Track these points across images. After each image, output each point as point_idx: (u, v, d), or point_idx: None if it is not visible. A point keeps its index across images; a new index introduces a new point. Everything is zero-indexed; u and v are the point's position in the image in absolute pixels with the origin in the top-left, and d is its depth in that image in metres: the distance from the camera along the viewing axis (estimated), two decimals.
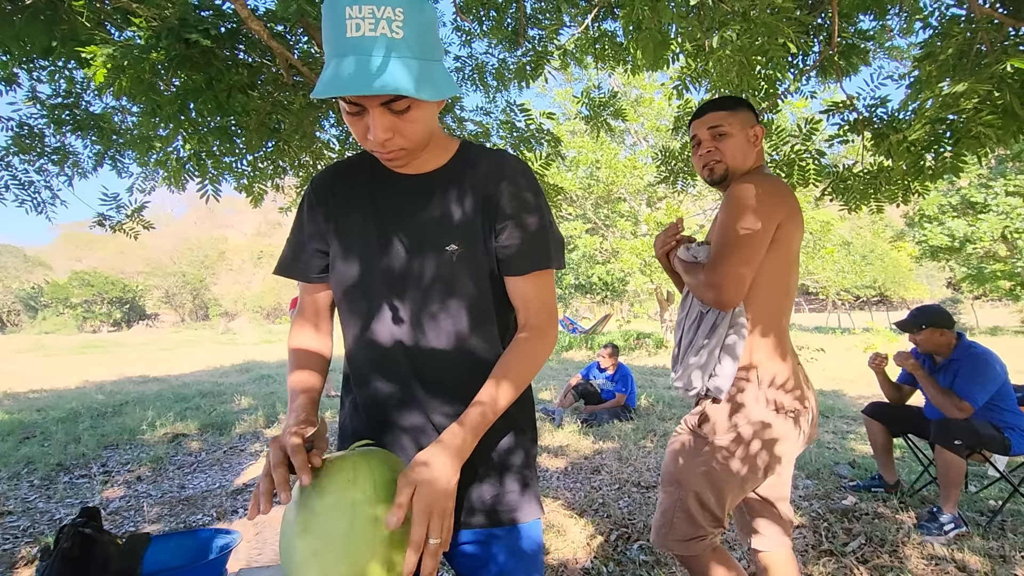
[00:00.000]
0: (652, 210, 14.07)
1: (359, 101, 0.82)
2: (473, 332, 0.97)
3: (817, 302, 36.60)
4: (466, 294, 0.97)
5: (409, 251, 0.97)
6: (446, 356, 0.97)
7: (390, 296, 0.98)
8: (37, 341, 25.69)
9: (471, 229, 0.97)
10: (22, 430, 5.48)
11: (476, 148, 1.03)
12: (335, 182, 1.04)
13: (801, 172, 3.54)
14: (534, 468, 1.05)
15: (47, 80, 4.45)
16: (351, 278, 1.00)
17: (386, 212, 0.99)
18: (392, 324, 0.98)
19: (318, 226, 1.04)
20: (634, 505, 3.29)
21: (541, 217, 0.99)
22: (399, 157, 0.91)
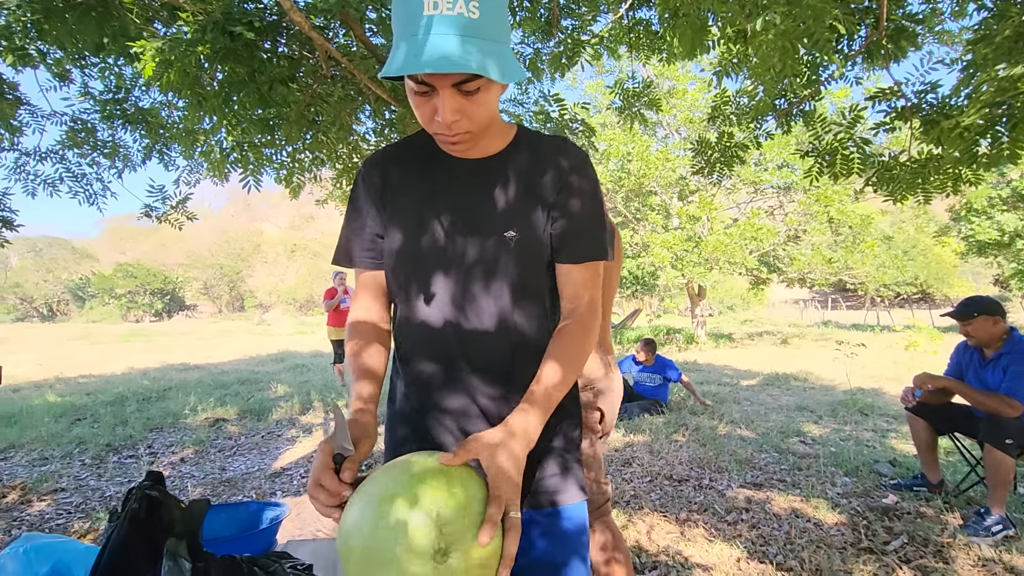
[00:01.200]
0: (684, 203, 13.84)
1: (430, 81, 0.81)
2: (525, 319, 0.97)
3: (855, 299, 35.47)
4: (521, 280, 0.96)
5: (467, 236, 0.96)
6: (495, 341, 0.97)
7: (444, 280, 0.97)
8: (85, 329, 26.86)
9: (529, 216, 0.96)
10: (74, 412, 5.75)
11: (534, 134, 1.02)
12: (389, 165, 1.04)
13: (844, 161, 3.44)
14: (576, 452, 1.04)
15: (98, 76, 4.63)
16: (405, 260, 1.00)
17: (443, 196, 0.98)
18: (443, 308, 0.97)
19: (373, 211, 1.03)
20: (666, 498, 3.26)
21: (596, 207, 0.99)
22: (464, 140, 0.90)
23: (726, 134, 4.18)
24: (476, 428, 0.99)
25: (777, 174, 12.88)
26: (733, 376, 8.48)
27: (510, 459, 0.77)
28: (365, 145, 4.53)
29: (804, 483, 3.48)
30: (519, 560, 1.01)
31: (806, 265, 13.47)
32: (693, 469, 3.79)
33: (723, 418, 5.28)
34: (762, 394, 6.85)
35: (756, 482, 3.53)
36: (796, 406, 6.03)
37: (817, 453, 4.11)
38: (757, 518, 2.95)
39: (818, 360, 10.08)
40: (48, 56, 4.04)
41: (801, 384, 7.67)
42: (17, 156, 4.54)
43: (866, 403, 5.93)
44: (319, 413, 5.77)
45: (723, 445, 4.29)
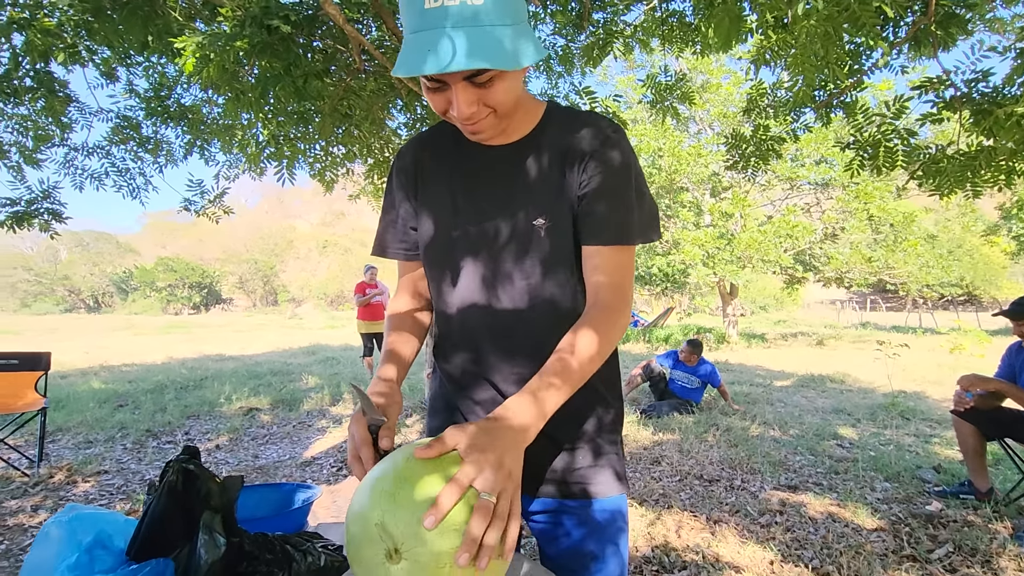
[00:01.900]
0: (717, 200, 13.56)
1: (440, 77, 0.77)
2: (557, 308, 0.94)
3: (895, 300, 34.23)
4: (553, 269, 0.93)
5: (496, 224, 0.94)
6: (525, 330, 0.95)
7: (475, 270, 0.95)
8: (127, 321, 27.92)
9: (559, 201, 0.92)
10: (116, 399, 5.97)
11: (563, 111, 0.97)
12: (420, 154, 1.02)
13: (888, 154, 3.31)
14: (617, 442, 1.00)
15: (143, 75, 4.79)
16: (437, 252, 0.99)
17: (472, 185, 0.96)
18: (475, 298, 0.96)
19: (407, 202, 1.02)
20: (696, 497, 3.20)
21: (629, 185, 0.92)
22: (485, 130, 0.86)
23: (761, 127, 4.07)
24: None
25: (815, 170, 12.50)
26: (766, 377, 8.28)
27: (490, 441, 0.67)
28: (397, 139, 4.57)
29: (841, 487, 3.37)
30: (551, 549, 0.99)
31: (844, 264, 13.04)
32: (724, 470, 3.71)
33: (755, 419, 5.16)
34: (796, 396, 6.67)
35: (790, 484, 3.44)
36: (832, 408, 5.85)
37: (855, 457, 3.97)
38: (792, 521, 2.87)
39: (856, 362, 9.77)
40: (96, 55, 4.19)
41: (837, 386, 7.44)
42: (66, 151, 4.73)
43: (907, 407, 5.71)
44: (349, 405, 5.86)
45: (755, 446, 4.19)
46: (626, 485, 1.00)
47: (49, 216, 4.42)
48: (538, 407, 0.77)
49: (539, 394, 0.78)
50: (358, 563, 0.63)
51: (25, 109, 4.66)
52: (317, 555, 0.82)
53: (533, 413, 0.75)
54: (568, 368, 0.82)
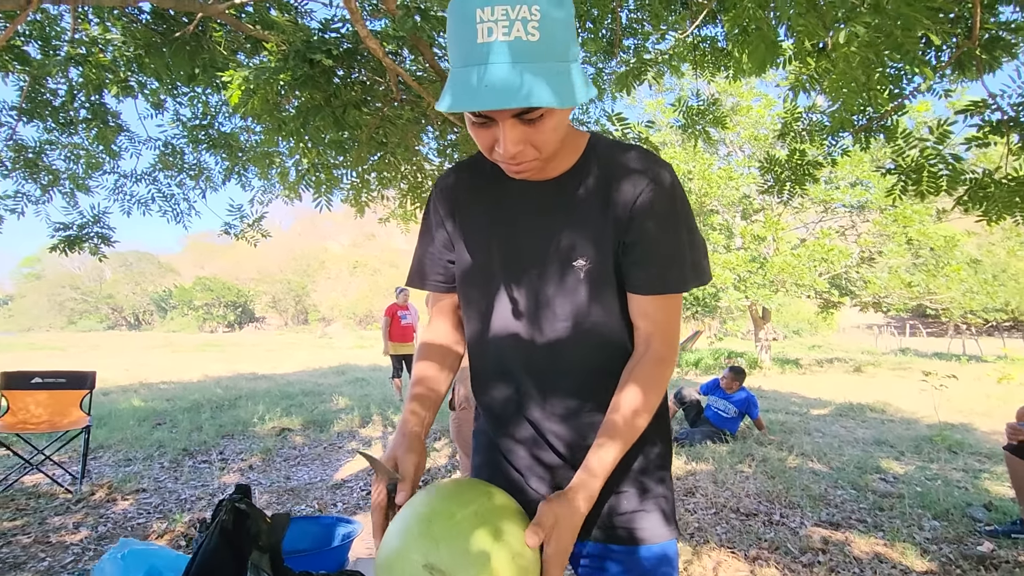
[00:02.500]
0: (748, 223, 13.36)
1: (488, 113, 0.75)
2: (595, 349, 0.92)
3: (936, 325, 32.91)
4: (592, 312, 0.91)
5: (534, 264, 0.92)
6: (564, 370, 0.93)
7: (512, 307, 0.94)
8: (166, 339, 28.77)
9: (601, 242, 0.89)
10: (155, 417, 6.13)
11: (608, 145, 0.93)
12: (459, 185, 1.01)
13: (932, 179, 3.21)
14: (665, 481, 0.98)
15: (187, 104, 5.02)
16: (473, 288, 0.98)
17: (511, 220, 0.94)
18: (512, 335, 0.95)
19: (444, 234, 1.01)
20: (733, 532, 3.09)
21: (679, 231, 0.89)
22: (529, 169, 0.84)
23: (797, 151, 4.01)
24: (546, 456, 0.97)
25: (850, 192, 12.23)
26: (801, 405, 8.01)
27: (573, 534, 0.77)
28: (429, 165, 4.66)
29: (887, 525, 3.22)
30: None
31: (882, 289, 12.64)
32: (762, 503, 3.58)
33: (792, 449, 4.98)
34: (835, 425, 6.43)
35: (832, 521, 3.29)
36: (873, 440, 5.61)
37: (901, 492, 3.79)
38: (836, 561, 2.74)
39: (896, 390, 9.39)
40: (145, 87, 4.42)
41: (878, 416, 7.15)
42: (116, 178, 4.96)
43: (955, 440, 5.44)
44: (378, 427, 5.88)
45: (794, 479, 4.04)
46: (675, 529, 0.97)
47: (98, 240, 4.63)
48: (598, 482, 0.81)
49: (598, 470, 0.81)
50: None
51: (78, 138, 4.92)
52: None
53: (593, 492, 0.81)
54: (621, 432, 0.84)
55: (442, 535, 0.63)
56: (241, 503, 0.73)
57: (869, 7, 1.76)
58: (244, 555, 0.74)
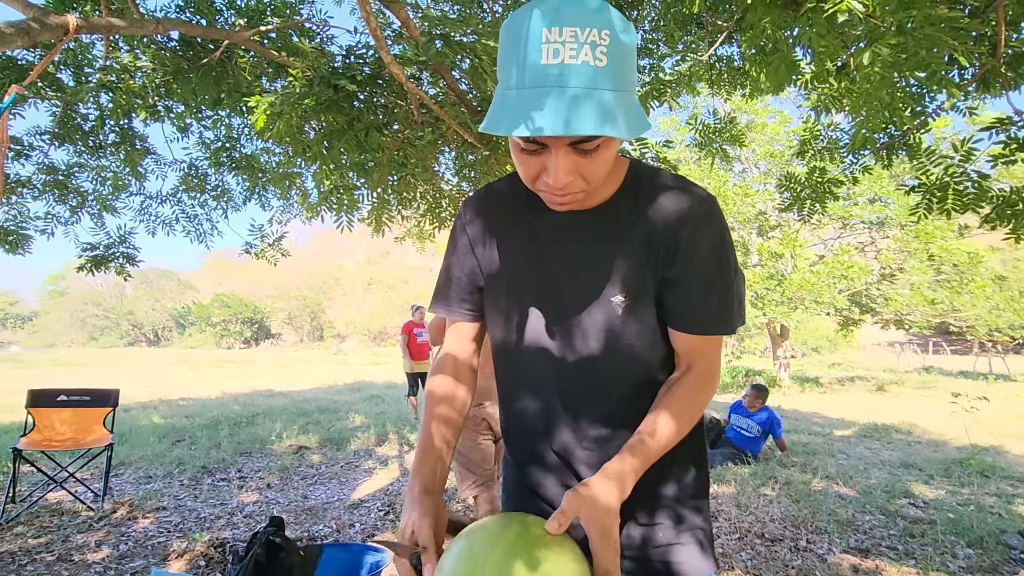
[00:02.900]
0: (764, 239, 13.25)
1: (543, 139, 0.70)
2: (631, 377, 0.89)
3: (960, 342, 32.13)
4: (630, 345, 0.88)
5: (569, 298, 0.88)
6: (600, 400, 0.90)
7: (545, 344, 0.90)
8: (184, 355, 29.12)
9: (640, 278, 0.85)
10: (174, 433, 6.18)
11: (649, 175, 0.88)
12: (490, 211, 0.96)
13: (957, 196, 3.17)
14: (703, 510, 0.95)
15: (211, 128, 5.14)
16: (503, 323, 0.95)
17: (545, 253, 0.89)
18: (545, 375, 0.92)
19: (472, 260, 0.97)
20: (759, 559, 3.01)
21: (725, 271, 0.85)
22: (574, 202, 0.79)
23: (817, 169, 3.98)
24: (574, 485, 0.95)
25: (868, 208, 12.09)
26: (824, 425, 7.84)
27: (609, 515, 0.71)
28: (446, 186, 4.70)
29: (919, 553, 3.11)
30: None
31: (904, 306, 12.40)
32: (787, 528, 3.49)
33: (816, 472, 4.86)
34: (859, 447, 6.27)
35: (862, 547, 3.20)
36: (901, 462, 5.46)
37: (932, 519, 3.67)
38: None
39: (922, 410, 9.16)
40: (172, 111, 4.54)
41: (904, 437, 6.97)
42: (142, 199, 5.08)
43: (986, 463, 5.27)
44: (394, 445, 5.86)
45: (819, 503, 3.93)
46: (714, 561, 0.93)
47: (123, 259, 4.72)
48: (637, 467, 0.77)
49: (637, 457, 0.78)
50: None
51: (105, 160, 5.05)
52: None
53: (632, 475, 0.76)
54: (648, 450, 0.79)
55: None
56: (276, 536, 0.73)
57: (893, 28, 1.75)
58: None
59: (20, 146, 4.56)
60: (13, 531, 3.23)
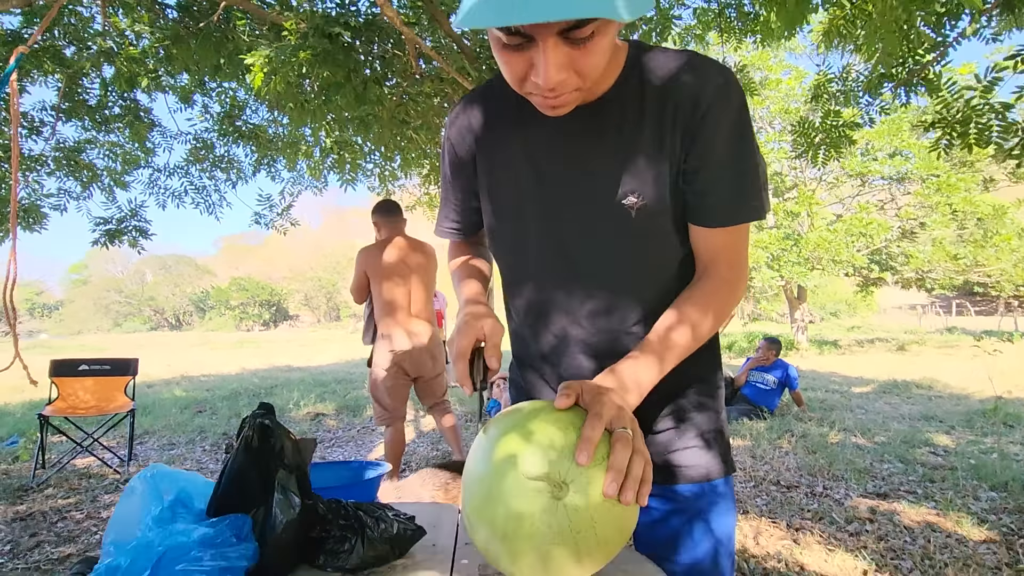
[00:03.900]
0: (781, 200, 12.98)
1: (527, 30, 0.59)
2: (654, 302, 0.81)
3: (985, 302, 31.45)
4: (646, 255, 0.81)
5: (575, 206, 0.80)
6: (613, 326, 0.84)
7: (550, 261, 0.84)
8: (204, 338, 29.69)
9: (654, 173, 0.76)
10: (196, 405, 6.32)
11: (654, 55, 0.76)
12: (475, 119, 0.87)
13: (980, 131, 3.04)
14: (722, 420, 0.91)
15: (216, 100, 5.12)
16: (503, 239, 0.89)
17: (541, 157, 0.81)
18: (553, 293, 0.86)
19: (465, 176, 0.91)
20: (774, 503, 3.00)
21: (748, 152, 0.75)
22: (569, 103, 0.69)
23: (832, 113, 3.85)
24: None
25: (888, 163, 11.74)
26: (842, 383, 7.76)
27: (615, 395, 0.66)
28: None
29: (939, 496, 3.08)
30: (642, 535, 0.92)
31: (926, 263, 12.11)
32: (803, 476, 3.47)
33: (834, 425, 4.82)
34: (878, 402, 6.21)
35: (879, 492, 3.17)
36: (921, 415, 5.39)
37: (953, 465, 3.63)
38: (884, 530, 2.63)
39: (944, 367, 9.02)
40: (175, 80, 4.52)
41: (925, 392, 6.87)
42: (151, 173, 5.10)
43: (1009, 414, 5.18)
44: (409, 411, 5.93)
45: (836, 453, 3.90)
46: (730, 464, 0.89)
47: (136, 233, 4.77)
48: (653, 369, 0.72)
49: (652, 357, 0.73)
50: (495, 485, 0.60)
51: (115, 136, 5.08)
52: (390, 522, 0.80)
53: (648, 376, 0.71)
54: (668, 343, 0.74)
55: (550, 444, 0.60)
56: (265, 419, 0.72)
57: None
58: (271, 474, 0.73)
59: (29, 122, 4.60)
60: (44, 493, 3.34)
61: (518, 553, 0.58)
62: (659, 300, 0.81)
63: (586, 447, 0.58)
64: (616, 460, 0.57)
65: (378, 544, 0.78)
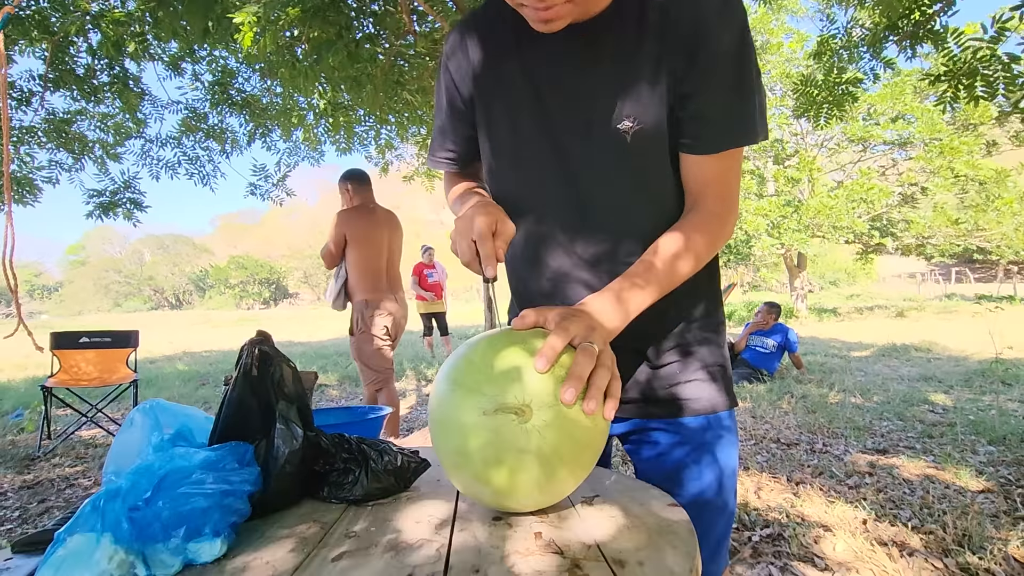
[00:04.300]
0: (782, 166, 12.85)
1: None
2: (651, 230, 0.79)
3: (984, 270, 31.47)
4: (643, 182, 0.78)
5: (569, 132, 0.78)
6: (610, 256, 0.82)
7: (548, 187, 0.82)
8: (205, 316, 29.78)
9: (651, 97, 0.73)
10: (199, 378, 6.36)
11: None
12: (469, 43, 0.84)
13: (986, 83, 2.97)
14: (723, 353, 0.90)
15: (207, 69, 5.01)
16: (500, 167, 0.86)
17: (538, 80, 0.78)
18: (550, 224, 0.84)
19: (459, 102, 0.88)
20: (775, 460, 3.04)
21: (748, 73, 0.72)
22: (562, 17, 0.67)
23: (836, 68, 3.77)
24: None
25: (891, 127, 11.58)
26: (841, 348, 7.81)
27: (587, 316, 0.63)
28: None
29: (938, 450, 3.11)
30: (642, 466, 0.91)
31: (926, 228, 12.05)
32: (803, 434, 3.50)
33: (833, 387, 4.86)
34: (877, 364, 6.25)
35: (879, 448, 3.21)
36: (920, 376, 5.43)
37: (951, 421, 3.66)
38: (884, 482, 2.67)
39: (944, 331, 9.06)
40: (163, 45, 4.40)
41: (924, 355, 6.91)
42: (143, 143, 5.02)
43: (1008, 373, 5.21)
44: (412, 380, 5.97)
45: (836, 412, 3.94)
46: (732, 398, 0.88)
47: (131, 205, 4.71)
48: (620, 305, 0.69)
49: (621, 294, 0.70)
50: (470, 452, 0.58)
51: (105, 107, 4.98)
52: (394, 455, 0.79)
53: (613, 308, 0.68)
54: (653, 270, 0.72)
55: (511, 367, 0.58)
56: (263, 345, 0.71)
57: None
58: (271, 404, 0.72)
59: (17, 92, 4.50)
60: (51, 462, 3.38)
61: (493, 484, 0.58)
62: (659, 232, 0.78)
63: (545, 353, 0.56)
64: (577, 368, 0.56)
65: (382, 476, 0.77)
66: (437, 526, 0.63)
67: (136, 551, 0.54)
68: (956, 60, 3.08)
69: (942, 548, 1.99)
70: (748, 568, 1.94)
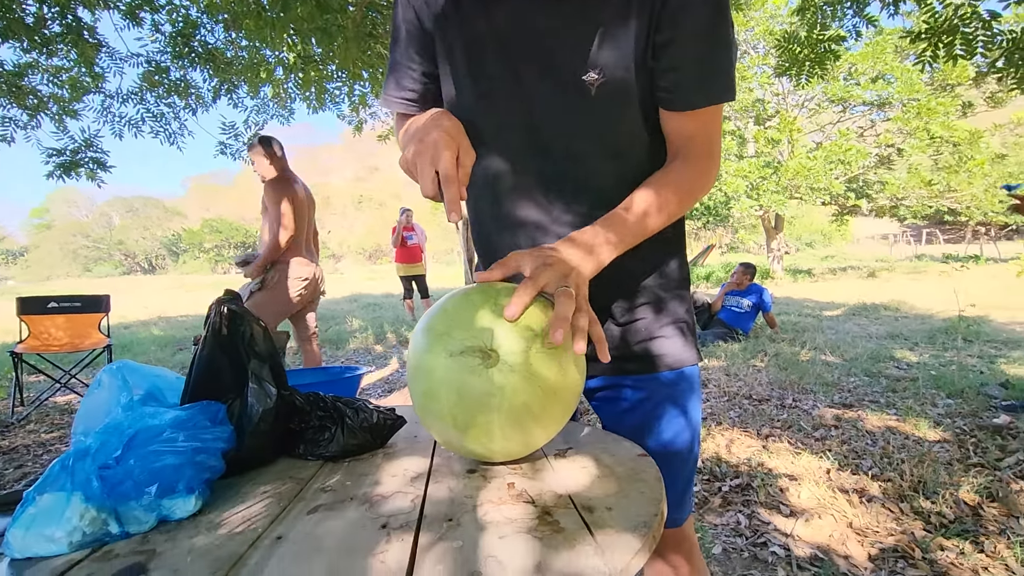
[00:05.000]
0: (762, 127, 12.83)
1: None
2: (619, 188, 0.77)
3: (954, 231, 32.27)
4: (611, 138, 0.77)
5: (532, 82, 0.75)
6: (588, 215, 0.80)
7: (510, 139, 0.80)
8: (180, 280, 29.18)
9: (620, 49, 0.71)
10: (175, 343, 6.27)
11: None
12: None
13: (966, 41, 2.98)
14: (688, 309, 0.91)
15: (167, 19, 4.74)
16: (471, 122, 0.80)
17: (500, 27, 0.75)
18: (512, 176, 0.82)
19: (414, 45, 0.84)
20: (746, 415, 3.14)
21: (724, 27, 0.71)
22: None
23: (819, 24, 3.73)
24: None
25: (871, 88, 11.59)
26: (814, 308, 8.01)
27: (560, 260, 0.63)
28: None
29: (900, 404, 3.25)
30: (610, 421, 0.93)
31: (900, 190, 12.25)
32: (774, 390, 3.62)
33: (805, 345, 5.00)
34: (848, 323, 6.43)
35: (845, 403, 3.33)
36: (887, 334, 5.62)
37: (914, 376, 3.81)
38: (848, 435, 2.78)
39: (912, 290, 9.34)
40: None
41: (892, 314, 7.13)
42: (103, 99, 4.78)
43: (969, 331, 5.42)
44: (392, 342, 5.98)
45: (806, 369, 4.07)
46: (697, 352, 0.90)
47: (94, 165, 4.53)
48: (612, 238, 0.69)
49: (612, 229, 0.70)
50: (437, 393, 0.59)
51: (59, 60, 4.70)
52: (369, 412, 0.80)
53: (584, 255, 0.67)
54: (626, 223, 0.72)
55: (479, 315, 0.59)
56: (231, 304, 0.69)
57: None
58: (242, 363, 0.71)
59: None
60: (26, 428, 3.33)
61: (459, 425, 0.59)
62: (628, 187, 0.76)
63: (515, 301, 0.57)
64: (560, 310, 0.57)
65: (358, 432, 0.77)
66: (412, 479, 0.64)
67: (108, 508, 0.54)
68: (938, 17, 3.07)
69: (899, 494, 2.10)
70: (717, 516, 2.03)
